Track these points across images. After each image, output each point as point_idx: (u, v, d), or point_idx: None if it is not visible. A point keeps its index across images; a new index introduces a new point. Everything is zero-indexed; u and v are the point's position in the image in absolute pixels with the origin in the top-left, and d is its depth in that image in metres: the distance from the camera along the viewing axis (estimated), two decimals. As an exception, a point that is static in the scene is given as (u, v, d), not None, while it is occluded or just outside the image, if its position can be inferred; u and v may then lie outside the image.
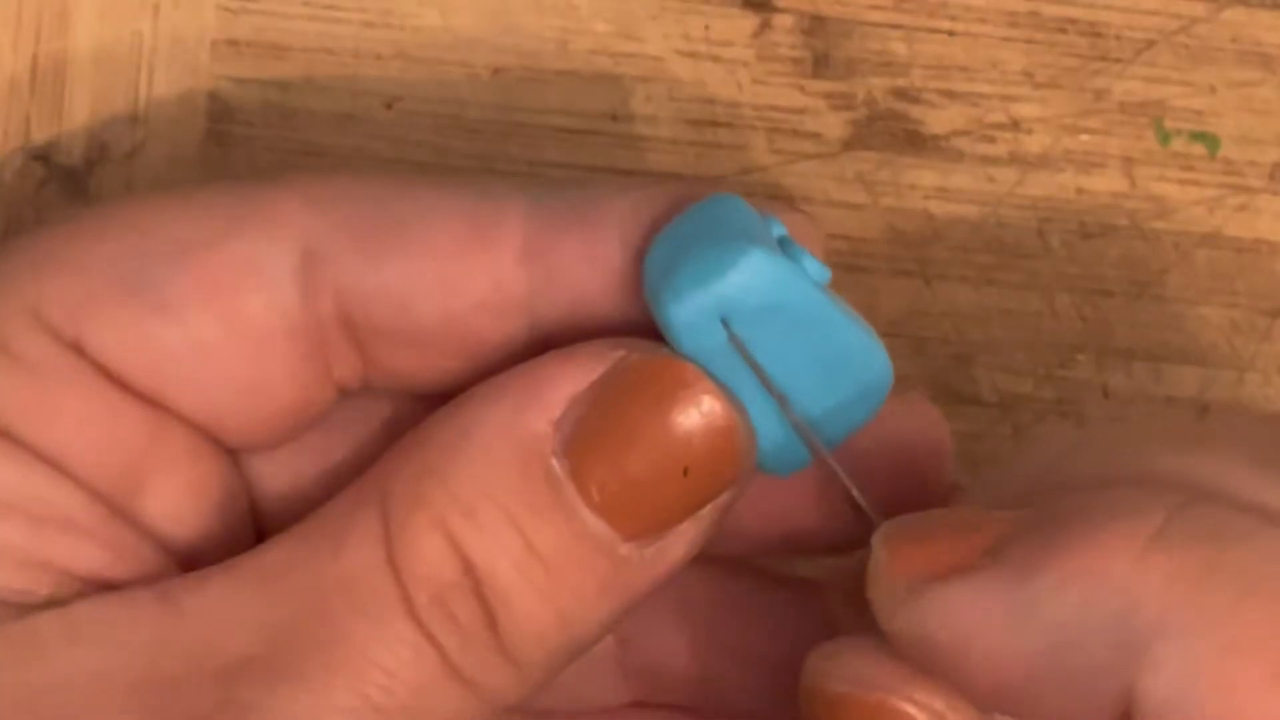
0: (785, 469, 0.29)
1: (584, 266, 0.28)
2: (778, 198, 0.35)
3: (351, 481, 0.28)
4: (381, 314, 0.28)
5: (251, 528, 0.30)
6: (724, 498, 0.28)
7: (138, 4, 0.34)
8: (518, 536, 0.27)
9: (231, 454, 0.30)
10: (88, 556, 0.28)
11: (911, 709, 0.26)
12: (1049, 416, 0.35)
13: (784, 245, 0.28)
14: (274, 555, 0.28)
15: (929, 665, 0.26)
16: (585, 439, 0.27)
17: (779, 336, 0.28)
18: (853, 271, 0.35)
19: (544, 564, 0.27)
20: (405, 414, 0.30)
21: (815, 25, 0.35)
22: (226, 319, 0.28)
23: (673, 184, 0.29)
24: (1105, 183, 0.35)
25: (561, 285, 0.28)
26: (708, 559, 0.30)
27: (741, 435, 0.27)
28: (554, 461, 0.27)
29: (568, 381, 0.27)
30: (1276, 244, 0.36)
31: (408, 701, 0.27)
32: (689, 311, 0.27)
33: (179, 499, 0.29)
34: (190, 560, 0.29)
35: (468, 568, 0.27)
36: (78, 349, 0.28)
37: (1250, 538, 0.25)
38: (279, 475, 0.30)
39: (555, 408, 0.27)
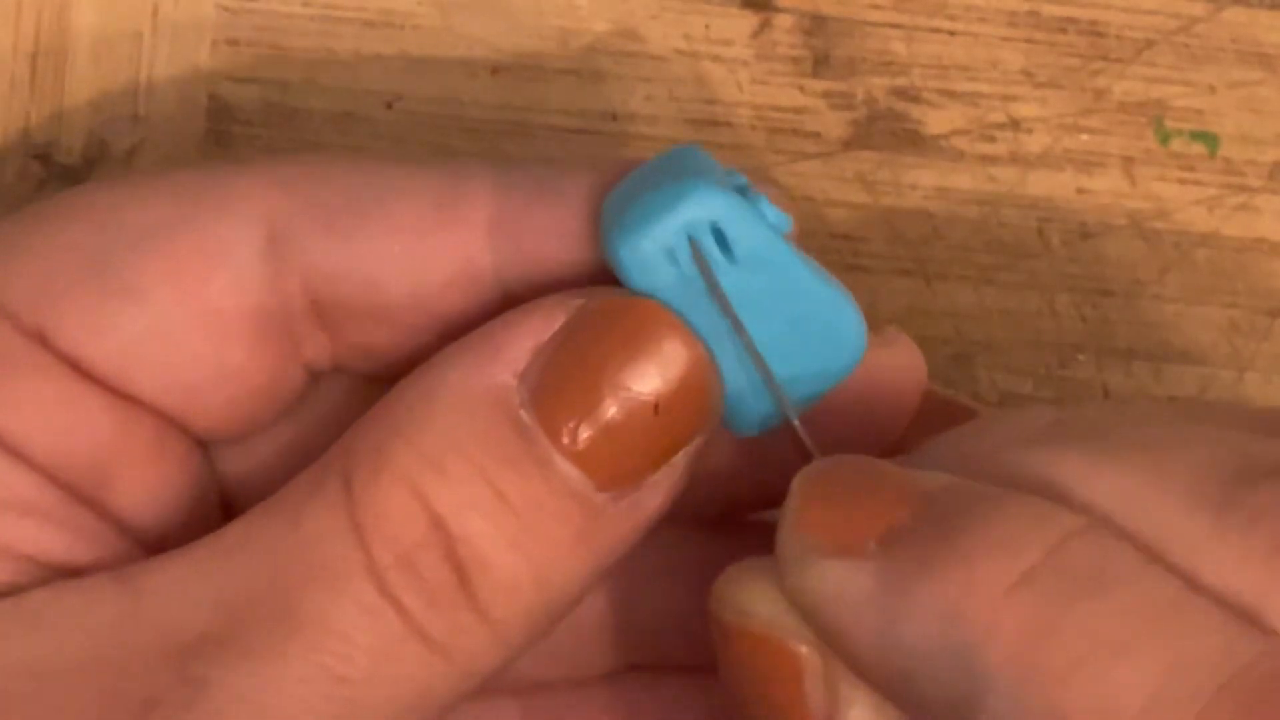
0: (753, 426, 0.28)
1: (552, 237, 0.28)
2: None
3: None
4: (351, 292, 0.28)
5: (222, 519, 0.30)
6: (695, 443, 0.27)
7: (138, 4, 0.34)
8: (489, 489, 0.26)
9: (202, 445, 0.30)
10: (49, 541, 0.28)
11: (805, 650, 0.26)
12: (1049, 416, 0.35)
13: (743, 192, 0.27)
14: (233, 531, 0.27)
15: (814, 628, 0.25)
16: (552, 387, 0.27)
17: (736, 284, 0.27)
18: (853, 271, 0.35)
19: (518, 515, 0.26)
20: (377, 398, 0.30)
21: (815, 25, 0.35)
22: (192, 302, 0.28)
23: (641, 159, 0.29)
24: (1105, 183, 0.35)
25: (530, 256, 0.28)
26: (698, 518, 0.30)
27: (708, 369, 0.27)
28: (522, 412, 0.27)
29: (530, 333, 0.27)
30: (1276, 244, 0.36)
31: (370, 669, 0.26)
32: (637, 249, 0.27)
33: (146, 491, 0.29)
34: (159, 551, 0.29)
35: (436, 524, 0.26)
36: (40, 338, 0.28)
37: (1117, 587, 0.24)
38: (250, 466, 0.30)
39: (519, 360, 0.27)
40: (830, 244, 0.35)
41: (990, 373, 0.35)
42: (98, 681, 0.27)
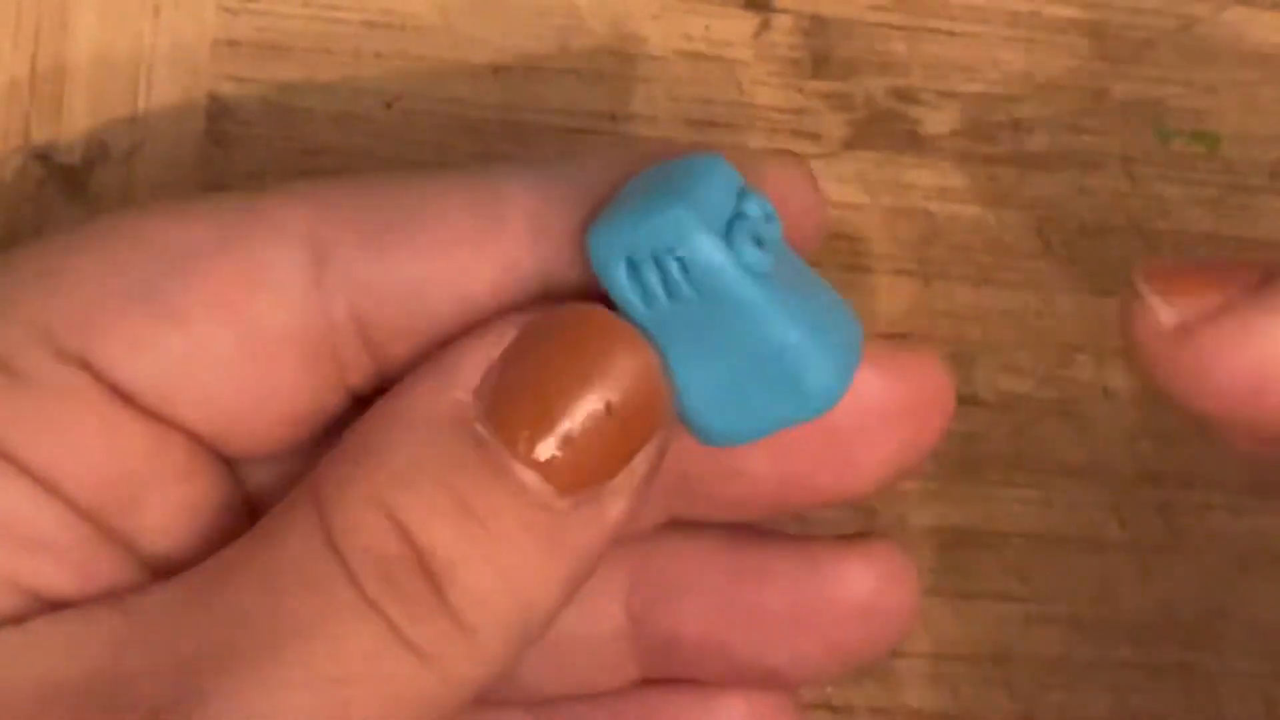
0: (722, 440, 0.28)
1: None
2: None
3: None
4: (396, 310, 0.28)
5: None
6: (653, 445, 0.28)
7: (138, 4, 0.34)
8: (453, 500, 0.27)
9: (230, 464, 0.30)
10: (60, 579, 0.28)
11: None
12: (1049, 416, 0.35)
13: (734, 223, 0.27)
14: (223, 556, 0.28)
15: (1207, 402, 0.26)
16: (504, 398, 0.27)
17: (699, 312, 0.27)
18: (853, 271, 0.35)
19: (482, 524, 0.27)
20: None
21: (815, 25, 0.35)
22: (236, 326, 0.28)
23: (670, 146, 0.29)
24: (1105, 183, 0.35)
25: (571, 258, 0.28)
26: (708, 527, 0.31)
27: (656, 372, 0.27)
28: (478, 425, 0.27)
29: (481, 350, 0.27)
30: (1277, 244, 0.36)
31: (362, 669, 0.26)
32: (599, 258, 0.27)
33: (174, 513, 0.29)
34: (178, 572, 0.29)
35: (407, 537, 0.27)
36: (83, 363, 0.28)
37: None
38: (280, 480, 0.30)
39: (473, 377, 0.27)
40: (830, 244, 0.35)
41: (990, 373, 0.35)
42: (100, 698, 0.27)
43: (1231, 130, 0.36)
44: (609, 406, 0.27)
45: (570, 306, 0.28)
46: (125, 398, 0.28)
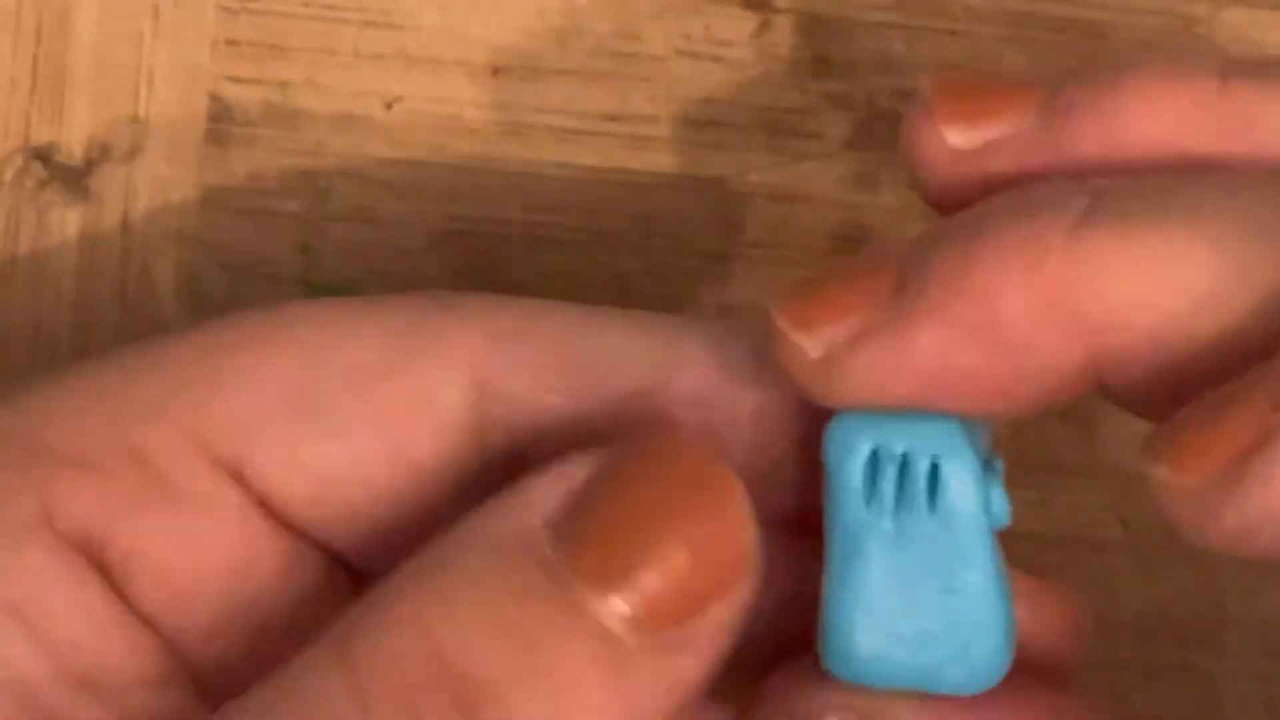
0: (844, 666, 0.27)
1: (755, 422, 0.28)
2: (778, 196, 0.35)
3: None
4: (550, 450, 0.27)
5: None
6: (734, 597, 0.25)
7: (138, 4, 0.34)
8: (504, 623, 0.24)
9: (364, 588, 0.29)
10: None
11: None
12: (1049, 416, 0.35)
13: (988, 466, 0.27)
14: (250, 697, 0.26)
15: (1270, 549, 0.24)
16: (582, 529, 0.25)
17: (912, 530, 0.26)
18: (853, 271, 0.35)
19: (537, 651, 0.24)
20: None
21: (815, 25, 0.35)
22: (393, 450, 0.28)
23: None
24: (1105, 183, 0.36)
25: (731, 432, 0.28)
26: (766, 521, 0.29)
27: (748, 522, 0.25)
28: (548, 549, 0.25)
29: (560, 479, 0.26)
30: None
31: None
32: (851, 430, 0.26)
33: (297, 627, 0.28)
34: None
35: (443, 663, 0.24)
36: (237, 473, 0.28)
37: None
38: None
39: (549, 504, 0.25)
40: (830, 244, 0.35)
41: (990, 373, 0.35)
42: None
43: (1231, 130, 0.36)
44: (692, 550, 0.25)
45: (666, 437, 0.26)
46: (272, 511, 0.28)
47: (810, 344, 0.26)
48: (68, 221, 0.34)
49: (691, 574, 0.25)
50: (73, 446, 0.28)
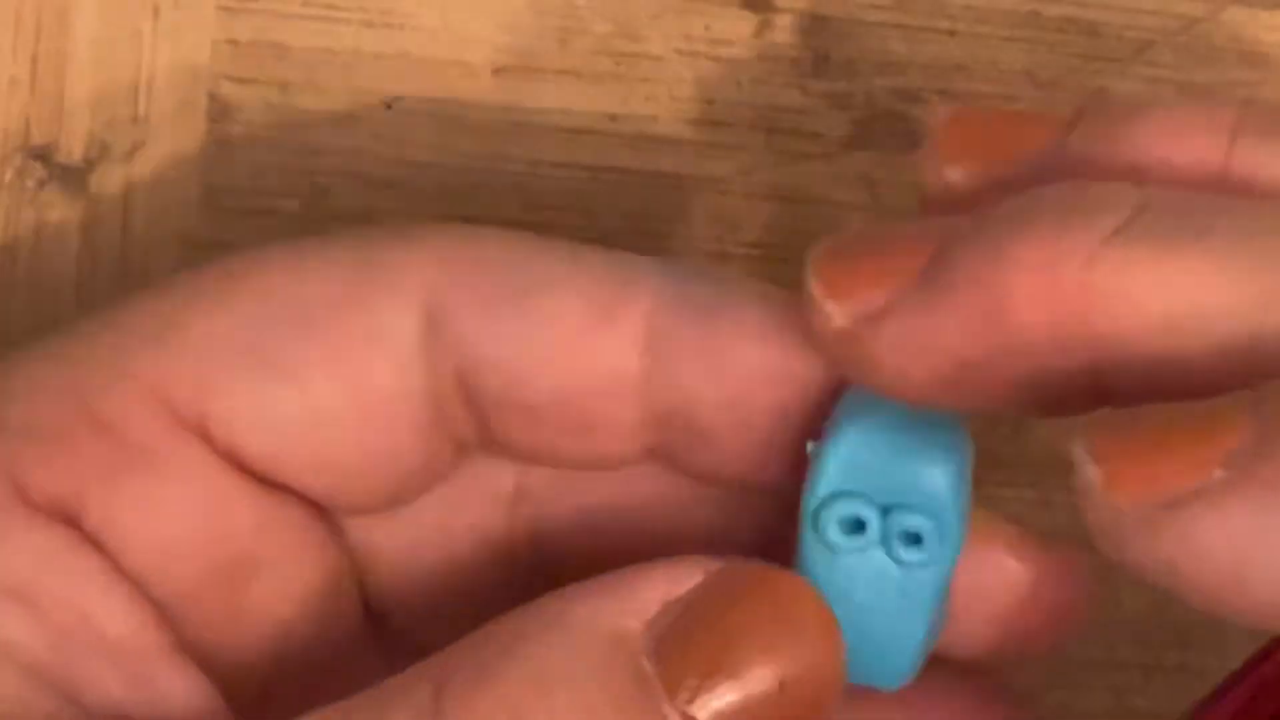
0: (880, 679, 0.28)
1: (701, 373, 0.27)
2: (775, 197, 0.35)
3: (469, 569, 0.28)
4: (496, 385, 0.28)
5: (361, 611, 0.30)
6: None
7: (138, 4, 0.34)
8: None
9: (339, 530, 0.29)
10: (111, 689, 0.27)
11: None
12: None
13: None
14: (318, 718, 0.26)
15: (1180, 590, 0.24)
16: (678, 642, 0.25)
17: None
18: (853, 271, 0.35)
19: None
20: (537, 488, 0.29)
21: (815, 25, 0.35)
22: (352, 387, 0.28)
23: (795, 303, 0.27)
24: (1105, 183, 0.35)
25: (677, 385, 0.27)
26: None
27: (840, 659, 0.26)
28: (644, 660, 0.25)
29: (664, 584, 0.26)
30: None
31: None
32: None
33: (287, 581, 0.28)
34: (285, 646, 0.29)
35: None
36: (201, 429, 0.28)
37: None
38: (393, 548, 0.30)
39: (649, 609, 0.25)
40: (830, 244, 0.35)
41: (990, 373, 0.35)
42: None
43: (1231, 130, 0.36)
44: (783, 684, 0.25)
45: (770, 568, 0.26)
46: (239, 463, 0.28)
47: (837, 313, 0.26)
48: (68, 221, 0.34)
49: (775, 710, 0.25)
50: (36, 420, 0.28)
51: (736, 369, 0.27)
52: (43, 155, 0.34)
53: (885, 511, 0.26)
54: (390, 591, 0.30)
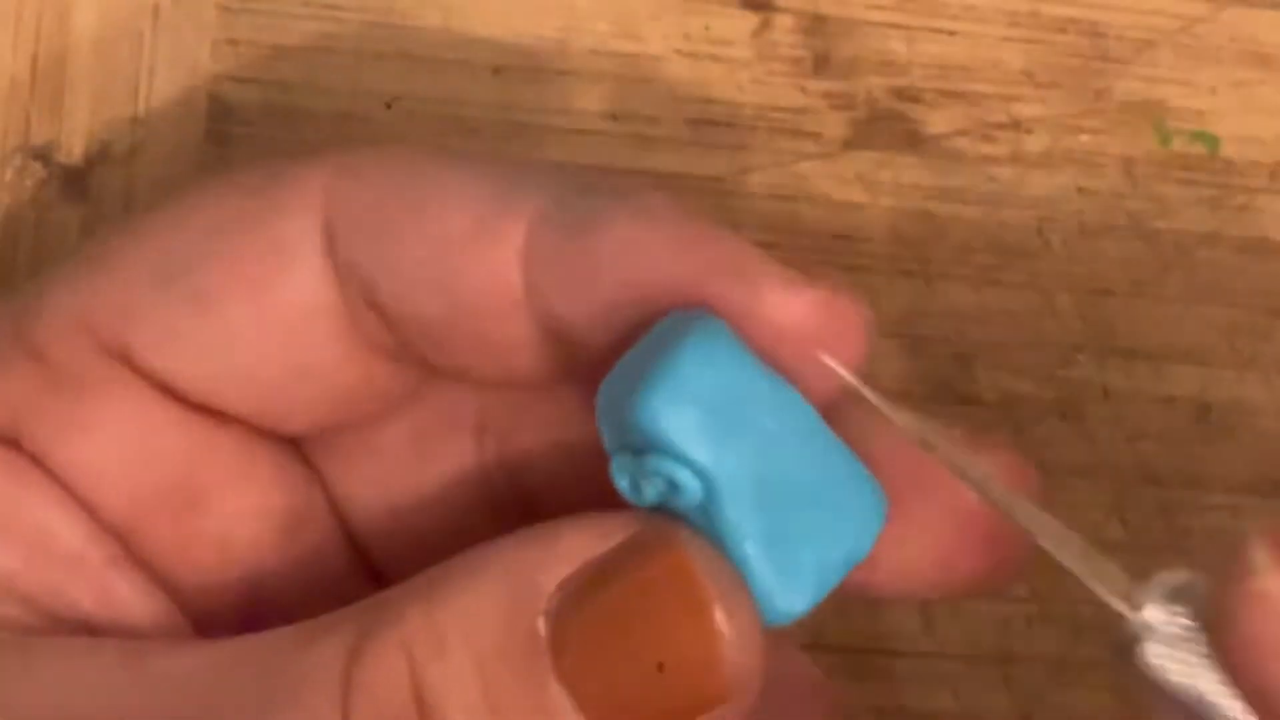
0: (776, 614, 0.26)
1: (569, 290, 0.27)
2: (776, 196, 0.35)
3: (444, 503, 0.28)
4: (391, 300, 0.27)
5: (341, 544, 0.30)
6: (711, 717, 0.25)
7: (138, 4, 0.34)
8: (479, 683, 0.25)
9: (303, 459, 0.29)
10: (78, 600, 0.28)
11: None
12: (1049, 416, 0.35)
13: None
14: (257, 639, 0.26)
15: None
16: (576, 607, 0.25)
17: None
18: (853, 271, 0.35)
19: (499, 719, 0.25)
20: (498, 415, 0.29)
21: (815, 25, 0.35)
22: (260, 304, 0.27)
23: (671, 217, 0.27)
24: (1105, 183, 0.36)
25: (552, 299, 0.27)
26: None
27: (732, 648, 0.25)
28: (540, 621, 0.25)
29: (591, 540, 0.25)
30: (1277, 244, 0.36)
31: None
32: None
33: (240, 508, 0.28)
34: (257, 575, 0.29)
35: (420, 700, 0.25)
36: (125, 355, 0.28)
37: None
38: (367, 480, 0.29)
39: (566, 566, 0.25)
40: (830, 244, 0.35)
41: (990, 373, 0.35)
42: None
43: (1231, 130, 0.36)
44: (661, 666, 0.25)
45: (674, 537, 0.25)
46: (170, 390, 0.28)
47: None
48: (68, 221, 0.34)
49: (659, 690, 0.25)
50: None
51: (600, 286, 0.26)
52: (43, 155, 0.34)
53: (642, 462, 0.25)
54: (370, 525, 0.29)
